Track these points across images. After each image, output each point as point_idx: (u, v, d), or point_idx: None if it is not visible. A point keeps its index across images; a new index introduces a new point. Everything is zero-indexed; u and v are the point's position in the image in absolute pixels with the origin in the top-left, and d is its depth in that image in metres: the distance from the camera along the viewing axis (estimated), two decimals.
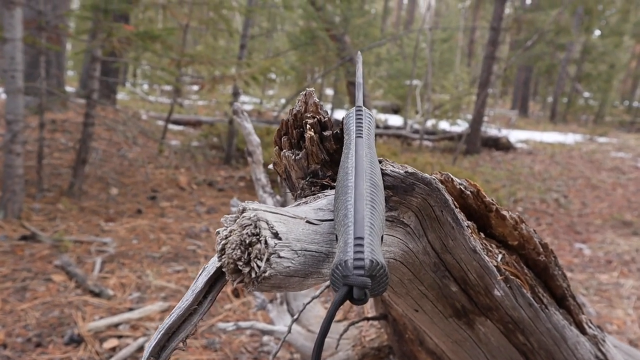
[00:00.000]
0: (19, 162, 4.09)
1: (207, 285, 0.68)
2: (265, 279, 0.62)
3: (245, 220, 0.62)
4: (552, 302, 1.15)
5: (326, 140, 0.86)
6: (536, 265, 1.12)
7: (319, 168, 0.87)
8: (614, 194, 7.90)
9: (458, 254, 0.94)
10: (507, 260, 1.06)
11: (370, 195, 0.67)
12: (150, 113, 11.37)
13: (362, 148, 0.76)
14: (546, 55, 17.38)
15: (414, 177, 0.81)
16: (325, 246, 0.70)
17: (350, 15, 10.28)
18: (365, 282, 0.55)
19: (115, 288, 3.32)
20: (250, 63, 6.18)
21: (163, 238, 4.31)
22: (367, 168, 0.72)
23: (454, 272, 0.98)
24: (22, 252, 3.61)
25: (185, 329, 0.68)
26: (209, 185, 6.52)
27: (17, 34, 3.87)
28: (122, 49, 4.81)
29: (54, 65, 7.83)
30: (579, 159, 10.80)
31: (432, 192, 0.84)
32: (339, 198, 0.68)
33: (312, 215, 0.73)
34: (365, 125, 0.83)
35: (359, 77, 0.96)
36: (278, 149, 0.91)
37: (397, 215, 0.83)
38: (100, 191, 5.50)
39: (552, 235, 5.67)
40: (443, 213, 0.88)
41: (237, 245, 0.62)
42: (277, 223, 0.65)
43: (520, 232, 1.07)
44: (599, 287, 4.26)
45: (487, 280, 1.00)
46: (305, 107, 0.88)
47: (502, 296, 1.03)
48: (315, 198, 0.80)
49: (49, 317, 2.84)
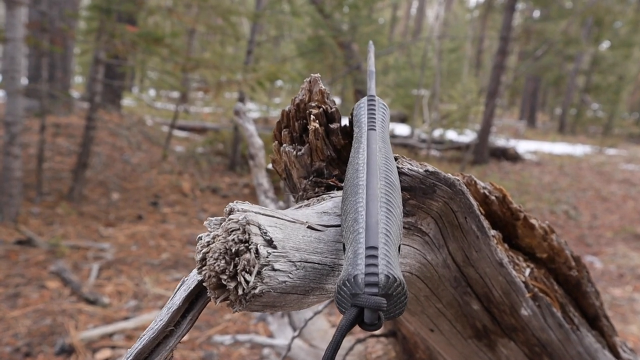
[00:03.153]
0: (17, 164, 3.99)
1: (187, 302, 0.56)
2: (255, 296, 0.50)
3: (231, 224, 0.51)
4: (584, 322, 1.03)
5: (333, 133, 0.75)
6: (567, 281, 1.00)
7: (324, 166, 0.75)
8: (625, 207, 7.74)
9: (482, 267, 0.82)
10: (535, 275, 0.93)
11: (386, 195, 0.55)
12: (156, 119, 11.31)
13: (375, 142, 0.64)
14: (555, 66, 17.25)
15: (435, 177, 0.69)
16: (331, 257, 0.58)
17: (358, 23, 10.21)
18: (380, 303, 0.44)
19: (111, 296, 3.20)
20: (256, 68, 6.09)
21: (163, 245, 4.19)
22: (381, 164, 0.60)
23: (476, 288, 0.85)
24: (16, 257, 3.50)
25: (160, 354, 0.56)
26: (213, 191, 6.41)
27: (17, 34, 3.78)
28: (126, 52, 4.72)
29: (59, 68, 7.77)
30: (588, 170, 10.65)
31: (456, 195, 0.72)
32: (348, 199, 0.56)
33: (315, 219, 0.61)
34: (379, 117, 0.71)
35: (371, 66, 0.84)
36: (277, 143, 0.79)
37: (415, 221, 0.72)
38: (101, 196, 5.40)
39: None
40: (467, 220, 0.76)
41: (221, 254, 0.50)
42: (272, 228, 0.53)
43: (550, 244, 0.94)
44: (612, 302, 4.12)
45: (513, 297, 0.88)
46: (309, 95, 0.76)
47: (529, 316, 0.91)
48: (319, 200, 0.68)
49: (40, 326, 2.72)
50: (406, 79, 13.60)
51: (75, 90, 14.13)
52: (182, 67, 5.69)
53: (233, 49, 15.90)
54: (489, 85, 10.54)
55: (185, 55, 6.07)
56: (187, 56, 6.09)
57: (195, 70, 5.95)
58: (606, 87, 19.21)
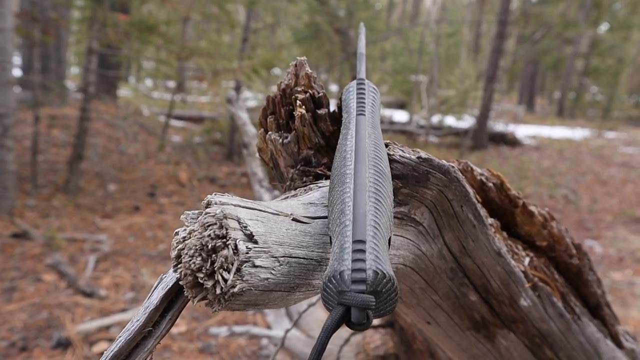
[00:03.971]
0: (10, 157, 3.95)
1: (165, 301, 0.53)
2: (234, 295, 0.46)
3: (208, 218, 0.47)
4: (585, 311, 0.99)
5: (321, 120, 0.71)
6: (568, 270, 0.96)
7: (312, 154, 0.71)
8: (624, 190, 7.71)
9: (479, 257, 0.79)
10: (535, 264, 0.90)
11: (375, 185, 0.51)
12: (153, 109, 11.23)
13: (364, 127, 0.60)
14: (553, 49, 17.14)
15: (428, 164, 0.65)
16: (317, 250, 0.55)
17: (355, 9, 10.11)
18: (367, 301, 0.41)
19: (108, 288, 3.17)
20: (252, 56, 6.02)
21: (160, 236, 4.16)
22: (370, 151, 0.56)
23: (473, 279, 0.82)
24: (12, 251, 3.47)
25: (138, 356, 0.53)
26: (211, 181, 6.37)
27: (7, 24, 3.72)
28: (119, 41, 4.66)
29: (54, 59, 7.68)
30: (587, 154, 10.61)
31: (451, 183, 0.68)
32: (335, 189, 0.53)
33: (301, 211, 0.57)
34: (369, 101, 0.67)
35: (361, 48, 0.80)
36: (263, 131, 0.75)
37: (408, 211, 0.68)
38: (98, 187, 5.36)
39: None
40: (463, 209, 0.72)
41: (197, 251, 0.46)
42: (253, 221, 0.49)
43: (551, 232, 0.91)
44: (612, 286, 4.10)
45: (512, 288, 0.85)
46: (295, 80, 0.72)
47: (529, 306, 0.88)
48: (307, 190, 0.65)
49: (36, 319, 2.70)
50: (404, 64, 13.52)
51: (72, 80, 14.03)
52: (176, 55, 5.63)
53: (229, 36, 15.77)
54: (488, 70, 10.47)
55: (180, 43, 6.00)
56: (182, 45, 6.02)
57: (190, 58, 5.89)
58: (605, 70, 19.11)
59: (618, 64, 18.99)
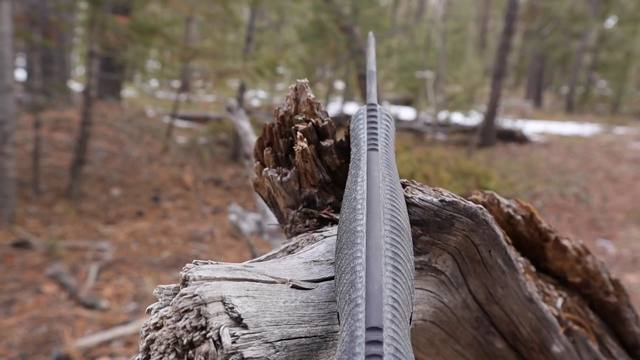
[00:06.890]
0: (10, 164, 3.87)
1: None
2: None
3: (184, 302, 0.37)
4: (622, 352, 0.89)
5: (326, 152, 0.61)
6: (604, 308, 0.86)
7: (315, 193, 0.61)
8: (636, 187, 7.56)
9: (508, 304, 0.69)
10: (568, 304, 0.80)
11: (392, 247, 0.42)
12: (157, 109, 11.16)
13: (377, 167, 0.50)
14: (561, 44, 16.94)
15: (453, 207, 0.55)
16: (322, 324, 0.45)
17: (360, 6, 9.98)
18: None
19: (110, 299, 3.09)
20: (256, 56, 5.93)
21: (164, 242, 4.08)
22: (385, 200, 0.46)
23: (500, 327, 0.72)
24: (12, 261, 3.40)
25: None
26: (216, 183, 6.29)
27: (5, 28, 3.64)
28: (119, 44, 4.57)
29: (57, 61, 7.62)
30: (597, 150, 10.44)
31: (478, 227, 0.58)
32: (343, 251, 0.43)
33: (302, 273, 0.48)
34: (382, 132, 0.56)
35: (371, 64, 0.69)
36: (259, 164, 0.65)
37: (428, 260, 0.58)
38: (101, 192, 5.28)
39: (573, 232, 5.38)
40: (491, 253, 0.62)
41: (169, 346, 0.37)
42: (242, 299, 0.40)
43: (585, 267, 0.81)
44: (627, 289, 3.98)
45: (544, 334, 0.75)
46: (295, 106, 0.62)
47: (562, 352, 0.78)
48: (309, 241, 0.55)
49: (35, 334, 2.62)
50: (410, 61, 13.36)
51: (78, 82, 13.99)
52: (179, 56, 5.55)
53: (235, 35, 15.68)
54: (495, 67, 10.33)
55: (183, 44, 5.92)
56: (185, 45, 5.94)
57: (194, 59, 5.81)
58: (614, 64, 18.86)
59: (627, 58, 18.72)
